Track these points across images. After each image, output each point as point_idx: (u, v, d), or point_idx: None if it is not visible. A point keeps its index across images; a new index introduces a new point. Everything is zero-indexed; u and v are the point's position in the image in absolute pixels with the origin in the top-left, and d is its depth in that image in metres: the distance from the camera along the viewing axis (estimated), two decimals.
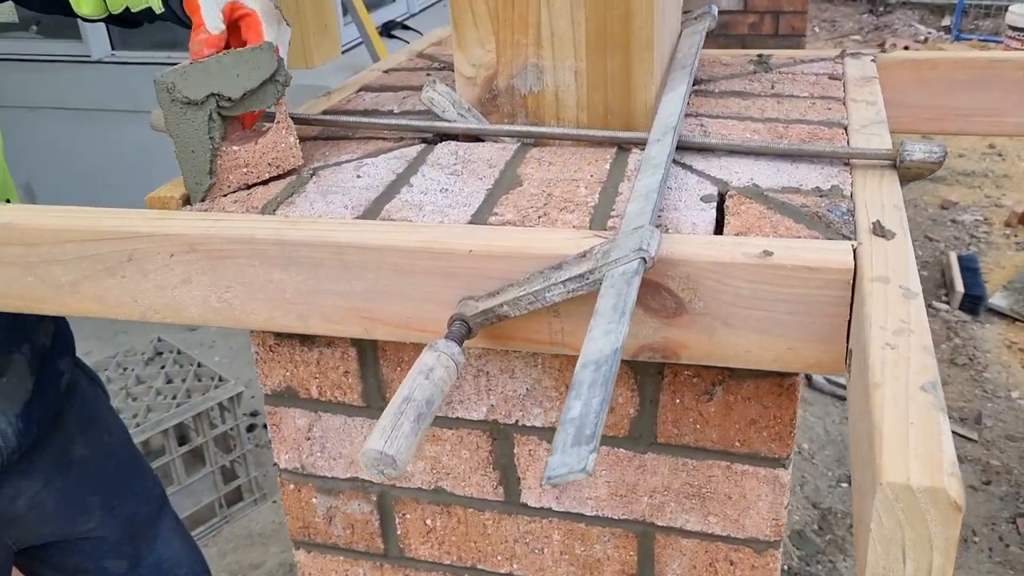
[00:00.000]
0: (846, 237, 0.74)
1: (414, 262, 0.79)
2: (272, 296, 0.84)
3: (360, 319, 0.83)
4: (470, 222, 0.82)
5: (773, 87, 1.11)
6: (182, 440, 2.44)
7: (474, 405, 0.94)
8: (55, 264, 0.88)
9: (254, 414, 2.91)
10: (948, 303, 3.68)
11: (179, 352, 2.63)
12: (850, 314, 0.70)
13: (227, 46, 0.95)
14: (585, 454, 0.51)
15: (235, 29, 0.95)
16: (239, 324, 0.87)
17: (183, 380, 2.51)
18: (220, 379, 2.49)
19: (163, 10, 1.03)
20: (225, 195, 0.91)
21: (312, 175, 0.94)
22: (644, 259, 0.68)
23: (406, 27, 4.07)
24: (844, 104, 1.05)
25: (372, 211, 0.86)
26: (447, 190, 0.88)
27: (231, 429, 2.46)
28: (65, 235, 0.86)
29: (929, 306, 3.68)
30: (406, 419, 0.64)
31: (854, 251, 0.71)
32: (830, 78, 1.14)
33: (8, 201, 1.23)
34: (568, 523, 0.97)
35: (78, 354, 1.37)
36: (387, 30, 3.98)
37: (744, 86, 1.12)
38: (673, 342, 0.76)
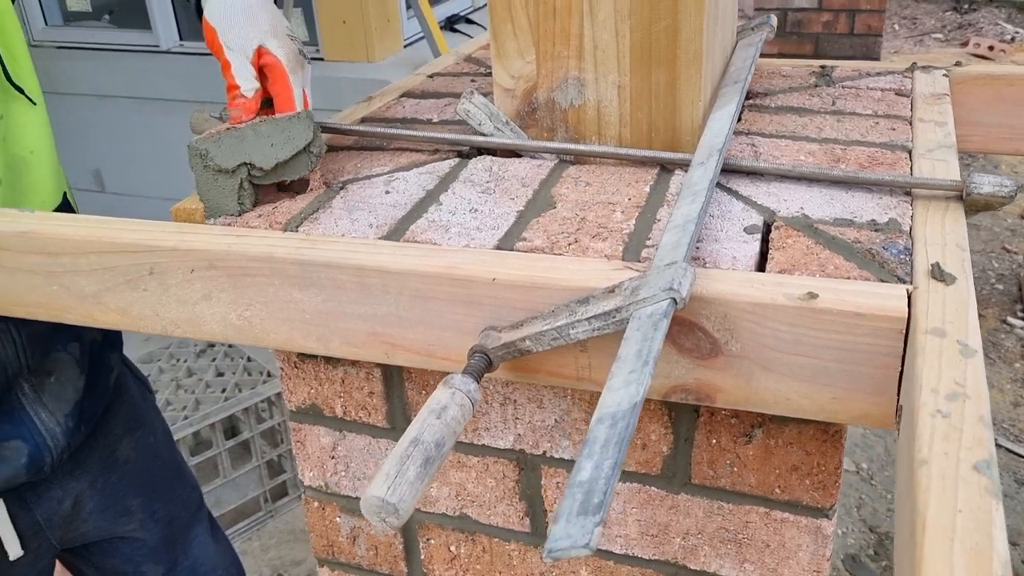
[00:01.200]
0: (901, 280, 0.68)
1: (435, 288, 0.75)
2: (292, 316, 0.81)
3: (381, 344, 0.80)
4: (497, 247, 0.78)
5: (834, 103, 1.05)
6: (232, 432, 2.45)
7: (500, 433, 0.90)
8: (79, 275, 0.87)
9: None
10: None
11: (230, 345, 2.65)
12: (902, 366, 0.64)
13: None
14: (590, 527, 0.47)
15: (260, 75, 0.92)
16: (259, 343, 0.85)
17: (233, 373, 2.52)
18: (269, 374, 2.50)
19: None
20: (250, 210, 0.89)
21: (340, 189, 0.91)
22: (674, 300, 0.63)
23: (470, 21, 4.04)
24: (910, 124, 0.98)
25: (397, 231, 0.82)
26: (477, 210, 0.84)
27: (278, 424, 2.47)
28: (87, 246, 0.85)
29: (1004, 322, 3.52)
30: (412, 464, 0.61)
31: (908, 297, 0.64)
32: (897, 94, 1.07)
33: (65, 195, 1.23)
34: (596, 560, 0.93)
35: (137, 342, 1.37)
36: (450, 24, 3.95)
37: (803, 101, 1.06)
38: (707, 384, 0.71)
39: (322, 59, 3.50)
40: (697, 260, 0.73)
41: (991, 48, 6.70)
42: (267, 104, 0.93)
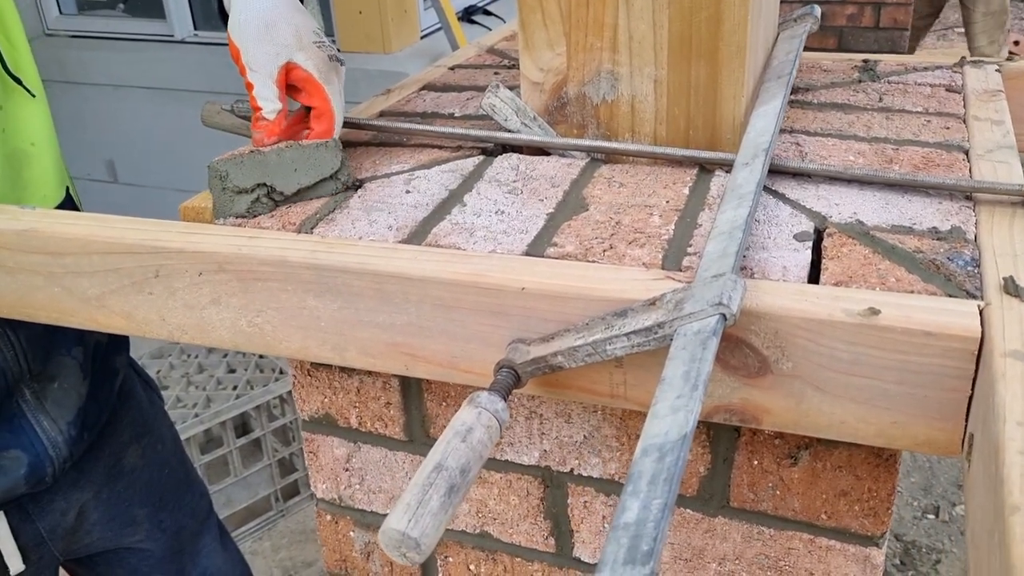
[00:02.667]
0: (971, 294, 0.62)
1: (459, 297, 0.69)
2: (306, 324, 0.76)
3: (401, 355, 0.75)
4: (526, 253, 0.72)
5: (881, 99, 0.98)
6: (244, 430, 2.41)
7: (525, 448, 0.84)
8: (82, 276, 0.82)
9: None
10: None
11: None
12: (972, 390, 0.59)
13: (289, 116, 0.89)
14: None
15: (294, 90, 0.87)
16: (271, 351, 0.80)
17: (245, 370, 2.48)
18: (281, 371, 2.45)
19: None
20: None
21: (358, 187, 0.86)
22: (724, 316, 0.58)
23: (487, 12, 3.98)
24: (964, 122, 0.92)
25: (418, 234, 0.77)
26: (503, 212, 0.79)
27: (290, 422, 2.42)
28: (91, 246, 0.80)
29: None
30: (435, 493, 0.55)
31: (980, 314, 0.59)
32: (947, 90, 1.01)
33: (68, 189, 1.18)
34: None
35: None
36: (468, 15, 3.89)
37: (847, 97, 1.00)
38: (753, 405, 0.65)
39: (338, 50, 3.45)
40: (744, 270, 0.67)
41: (1016, 43, 6.57)
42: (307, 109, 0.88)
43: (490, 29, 3.73)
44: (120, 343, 1.25)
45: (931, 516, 2.40)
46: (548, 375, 0.69)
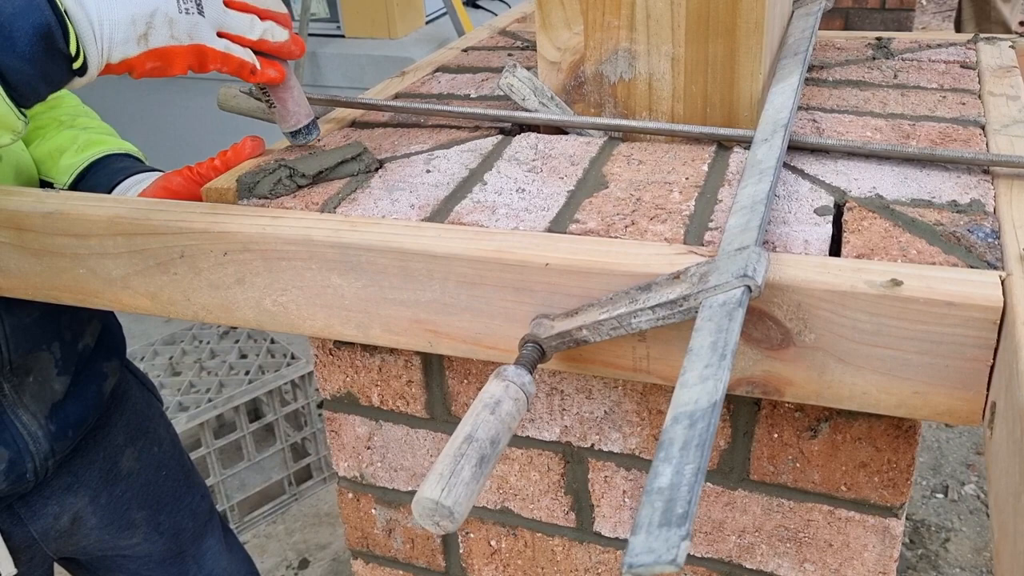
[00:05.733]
0: (991, 265, 0.63)
1: (484, 273, 0.70)
2: (330, 302, 0.77)
3: (424, 332, 0.76)
4: (548, 229, 0.73)
5: (896, 76, 0.99)
6: (256, 415, 2.43)
7: (546, 424, 0.85)
8: (106, 257, 0.83)
9: None
10: None
11: None
12: (994, 359, 0.59)
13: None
14: (676, 540, 0.42)
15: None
16: (295, 330, 0.81)
17: (257, 355, 2.49)
18: (293, 356, 2.47)
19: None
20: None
21: (378, 168, 0.87)
22: (749, 287, 0.58)
23: None
24: (980, 98, 0.92)
25: (441, 212, 0.77)
26: (524, 190, 0.79)
27: (302, 407, 2.44)
28: (116, 227, 0.81)
29: None
30: (467, 463, 0.56)
31: (1002, 283, 0.59)
32: (962, 67, 1.01)
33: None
34: None
35: (158, 323, 1.29)
36: (473, 0, 3.88)
37: (863, 74, 1.00)
38: (776, 377, 0.66)
39: (343, 36, 3.44)
40: (766, 244, 0.68)
41: (1022, 24, 6.54)
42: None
43: (495, 14, 3.72)
44: (111, 348, 1.21)
45: (940, 495, 2.42)
46: (571, 350, 0.70)
